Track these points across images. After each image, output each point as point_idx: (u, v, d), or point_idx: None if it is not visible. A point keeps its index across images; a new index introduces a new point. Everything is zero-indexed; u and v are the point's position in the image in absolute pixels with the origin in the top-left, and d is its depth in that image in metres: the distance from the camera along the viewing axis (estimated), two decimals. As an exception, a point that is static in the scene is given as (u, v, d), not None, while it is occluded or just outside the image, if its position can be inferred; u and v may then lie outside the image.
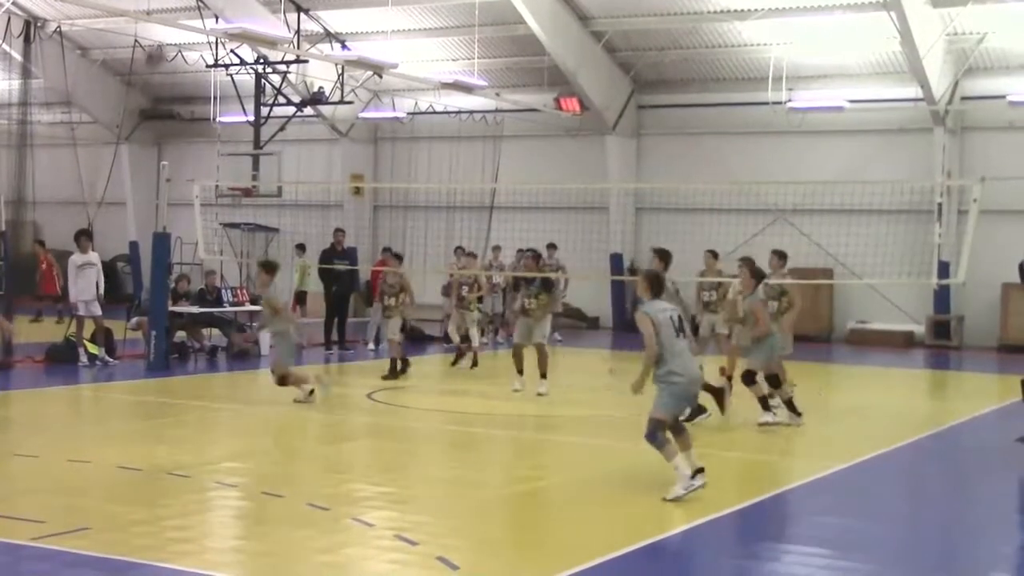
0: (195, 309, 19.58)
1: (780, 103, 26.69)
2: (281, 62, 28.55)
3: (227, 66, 28.74)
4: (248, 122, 29.52)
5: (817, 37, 26.11)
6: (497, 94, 28.55)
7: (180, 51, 28.57)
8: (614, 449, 10.15)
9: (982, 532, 9.23)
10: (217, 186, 27.17)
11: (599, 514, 9.14)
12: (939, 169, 25.43)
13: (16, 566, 7.29)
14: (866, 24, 25.07)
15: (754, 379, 13.35)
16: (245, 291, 22.24)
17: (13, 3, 27.41)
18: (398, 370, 17.63)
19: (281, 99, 29.47)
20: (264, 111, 29.53)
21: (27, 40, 23.90)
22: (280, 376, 14.55)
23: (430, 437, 12.97)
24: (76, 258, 18.40)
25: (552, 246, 26.02)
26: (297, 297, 23.93)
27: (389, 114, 31.34)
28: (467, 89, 25.66)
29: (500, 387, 16.66)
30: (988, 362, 23.58)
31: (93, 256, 18.54)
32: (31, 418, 13.73)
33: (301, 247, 25.69)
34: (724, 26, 26.78)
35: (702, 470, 9.51)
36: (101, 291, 18.48)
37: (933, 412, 16.72)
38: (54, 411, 14.43)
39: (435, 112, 30.43)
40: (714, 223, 25.82)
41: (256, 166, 28.79)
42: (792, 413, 13.53)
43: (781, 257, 15.11)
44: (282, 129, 29.78)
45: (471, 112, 30.15)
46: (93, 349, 18.25)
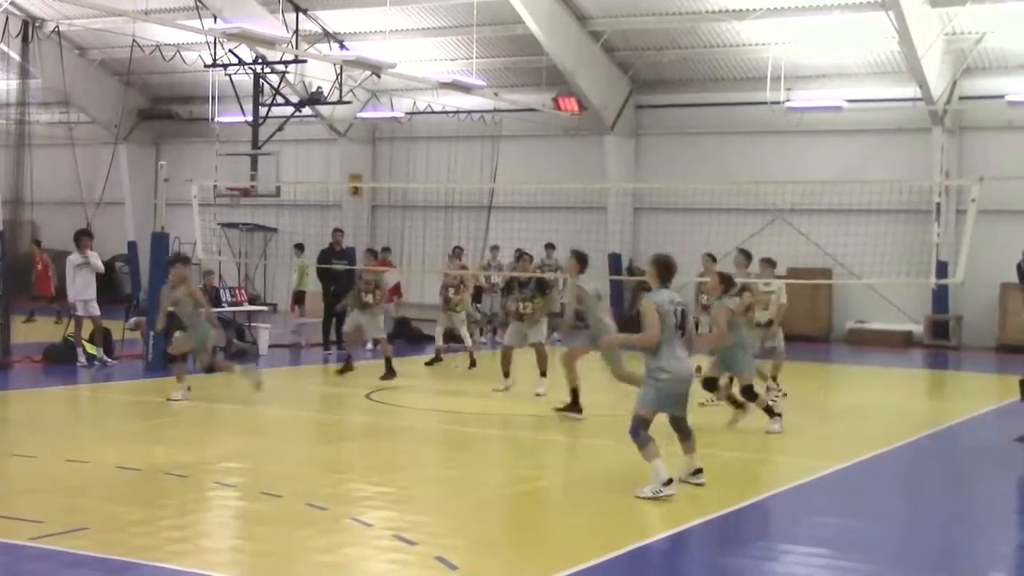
0: (193, 309, 19.52)
1: (778, 103, 26.69)
2: (279, 62, 28.54)
3: (225, 66, 28.73)
4: (246, 122, 29.51)
5: (815, 37, 26.12)
6: (495, 94, 28.55)
7: (178, 51, 28.56)
8: (613, 449, 10.14)
9: (981, 532, 9.23)
10: (215, 186, 27.17)
11: (598, 514, 9.13)
12: (937, 169, 25.44)
13: (14, 566, 7.28)
14: (864, 24, 25.07)
15: (754, 393, 13.32)
16: (243, 291, 22.24)
17: (11, 3, 27.40)
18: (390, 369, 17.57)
19: (279, 99, 29.47)
20: (262, 111, 29.53)
21: (25, 40, 23.91)
22: (207, 365, 14.75)
23: (428, 437, 12.96)
24: (74, 258, 18.38)
25: (550, 246, 26.03)
26: (295, 297, 23.89)
27: (387, 114, 31.33)
28: (465, 89, 25.66)
29: (499, 387, 16.64)
30: (986, 362, 23.60)
31: (91, 256, 18.51)
32: (29, 418, 13.72)
33: (299, 247, 25.66)
34: (722, 26, 26.79)
35: (699, 471, 9.49)
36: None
37: (932, 412, 16.73)
38: (52, 411, 14.42)
39: (433, 112, 30.41)
40: (712, 223, 25.84)
41: (254, 166, 28.78)
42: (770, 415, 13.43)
43: (747, 256, 15.42)
44: (280, 129, 29.78)
45: (469, 112, 30.14)
46: (91, 349, 18.25)
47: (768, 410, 13.28)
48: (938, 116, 25.67)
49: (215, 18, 26.70)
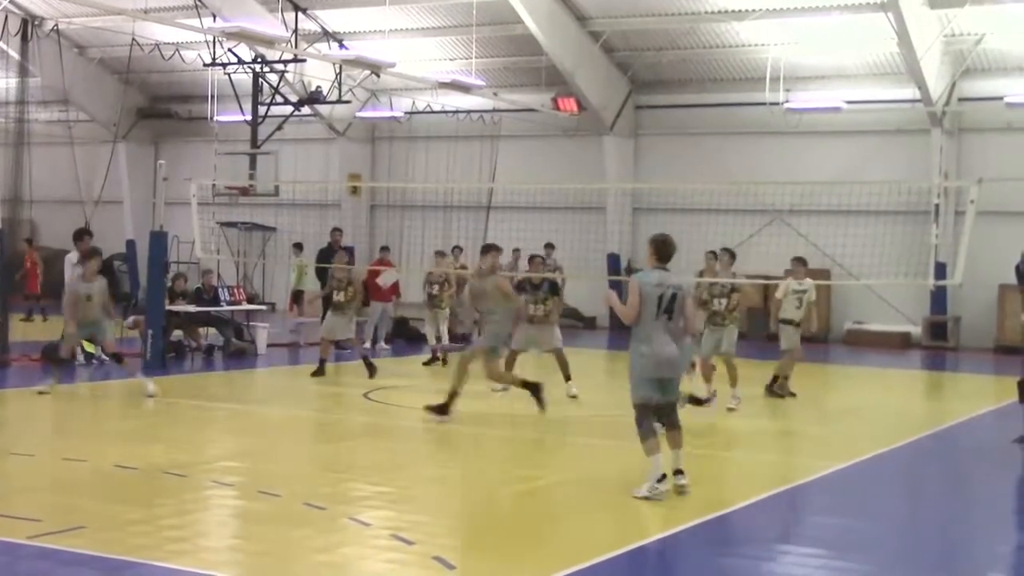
0: (192, 308, 19.54)
1: (777, 104, 26.71)
2: (279, 61, 28.55)
3: (225, 65, 28.73)
4: (245, 121, 29.52)
5: (815, 38, 26.13)
6: (495, 94, 28.56)
7: (178, 50, 28.56)
8: (612, 449, 10.15)
9: (980, 532, 9.23)
10: (214, 185, 27.16)
11: (596, 514, 9.13)
12: (936, 170, 25.46)
13: (13, 565, 7.27)
14: (864, 25, 25.09)
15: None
16: (242, 290, 22.22)
17: (10, 1, 27.39)
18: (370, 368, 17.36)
19: (279, 98, 29.48)
20: (261, 110, 29.54)
21: (24, 38, 23.91)
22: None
23: (427, 437, 12.95)
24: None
25: (549, 246, 26.02)
26: (294, 296, 23.88)
27: (387, 113, 31.34)
28: (465, 89, 25.66)
29: (497, 387, 16.62)
30: (985, 363, 23.61)
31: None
32: (27, 417, 13.70)
33: (298, 246, 25.67)
34: (722, 26, 26.80)
35: (680, 472, 9.38)
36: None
37: (930, 413, 16.73)
38: (50, 410, 14.40)
39: (433, 112, 30.41)
40: (711, 223, 25.80)
41: (253, 165, 28.78)
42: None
43: (732, 256, 15.71)
44: (279, 128, 29.79)
45: (469, 112, 30.14)
46: (90, 348, 18.21)
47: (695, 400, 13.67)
48: (937, 117, 25.69)
49: (214, 17, 26.70)
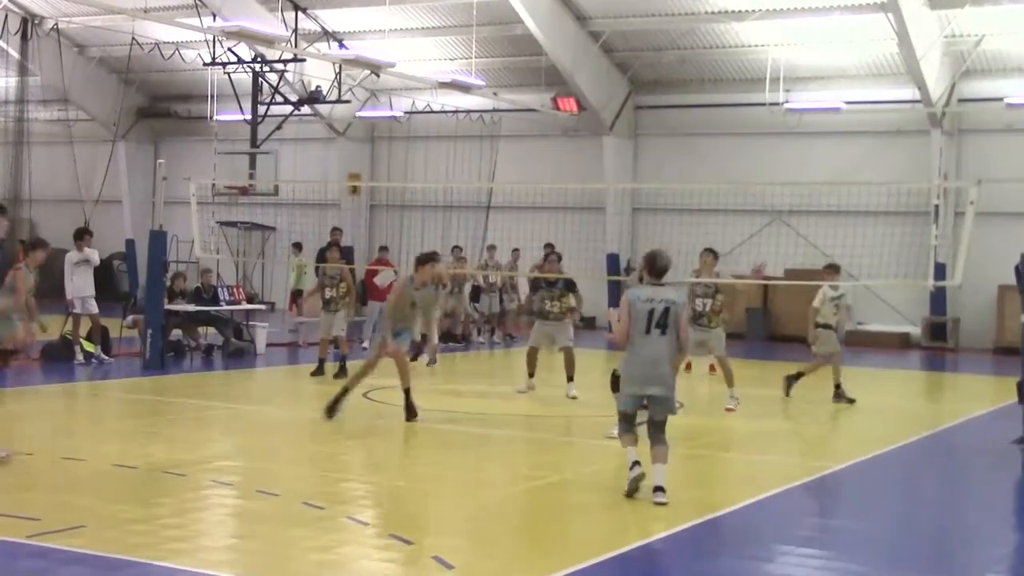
0: (191, 307, 19.54)
1: (777, 104, 26.71)
2: (279, 61, 28.56)
3: (224, 64, 28.74)
4: (245, 120, 29.53)
5: (814, 38, 26.14)
6: (495, 94, 28.56)
7: (178, 49, 28.57)
8: (612, 449, 10.13)
9: (978, 533, 9.23)
10: (214, 184, 27.18)
11: (596, 514, 9.13)
12: (936, 171, 25.47)
13: (12, 564, 7.27)
14: (863, 25, 25.10)
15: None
16: (241, 289, 22.22)
17: (10, 0, 27.39)
18: (343, 368, 16.98)
19: (278, 98, 29.49)
20: (261, 110, 29.55)
21: (24, 37, 23.94)
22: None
23: (426, 436, 12.94)
24: (72, 255, 18.35)
25: (549, 246, 25.99)
26: (294, 296, 23.87)
27: (386, 113, 31.34)
28: (464, 89, 25.67)
29: (497, 387, 16.66)
30: (984, 364, 23.61)
31: (89, 253, 18.47)
32: (27, 416, 13.69)
33: (298, 246, 25.67)
34: (721, 27, 26.80)
35: (661, 489, 9.13)
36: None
37: (929, 414, 16.73)
38: (50, 409, 14.39)
39: (432, 111, 30.42)
40: (711, 224, 25.86)
41: (253, 165, 28.80)
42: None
43: (715, 256, 15.76)
44: (279, 128, 29.80)
45: (468, 112, 30.15)
46: (89, 347, 18.22)
47: None
48: (937, 118, 25.69)
49: (214, 16, 26.69)
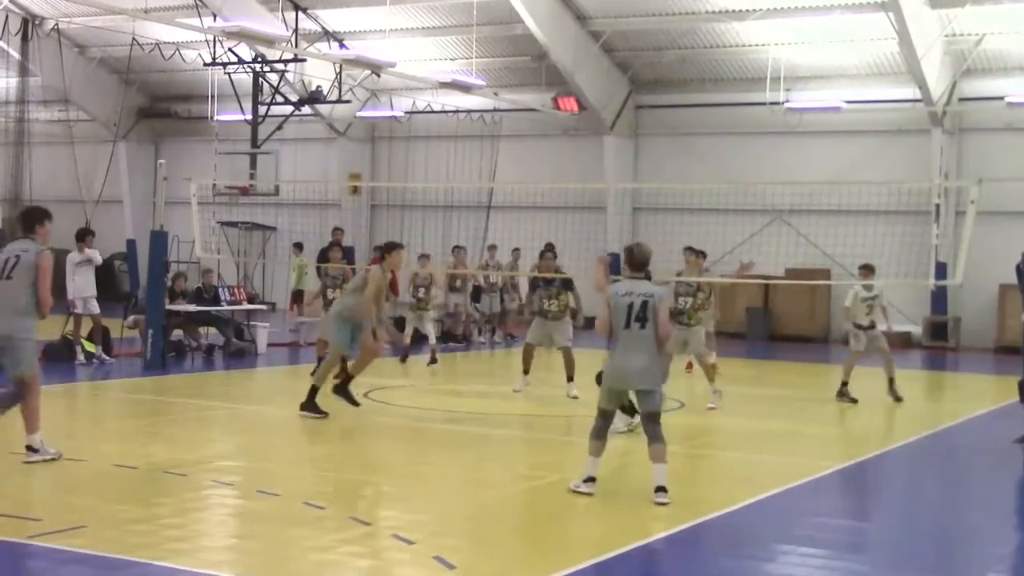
0: (192, 308, 19.54)
1: (778, 103, 26.71)
2: (279, 61, 28.57)
3: (225, 64, 28.75)
4: (246, 121, 29.54)
5: (815, 38, 26.14)
6: (495, 93, 28.57)
7: (178, 49, 28.57)
8: (612, 448, 10.13)
9: (979, 533, 9.23)
10: (214, 184, 27.20)
11: (597, 514, 9.13)
12: (937, 170, 25.46)
13: (13, 564, 7.27)
14: (864, 25, 25.09)
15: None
16: (242, 290, 22.22)
17: (11, 1, 27.41)
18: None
19: (279, 98, 29.50)
20: (262, 110, 29.57)
21: (25, 38, 23.95)
22: None
23: (427, 436, 12.95)
24: (74, 255, 18.35)
25: (550, 246, 25.97)
26: (294, 296, 23.87)
27: (387, 113, 31.35)
28: (465, 88, 25.67)
29: (497, 386, 16.65)
30: (985, 363, 23.60)
31: (90, 253, 18.47)
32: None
33: (298, 246, 25.66)
34: (722, 26, 26.80)
35: (662, 489, 9.18)
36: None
37: (930, 413, 16.73)
38: (50, 409, 14.36)
39: (433, 111, 30.43)
40: (711, 223, 25.84)
41: (253, 165, 28.81)
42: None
43: (699, 255, 15.78)
44: (280, 128, 29.81)
45: (469, 111, 30.15)
46: (90, 347, 18.22)
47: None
48: (937, 117, 25.69)
49: (215, 17, 26.70)
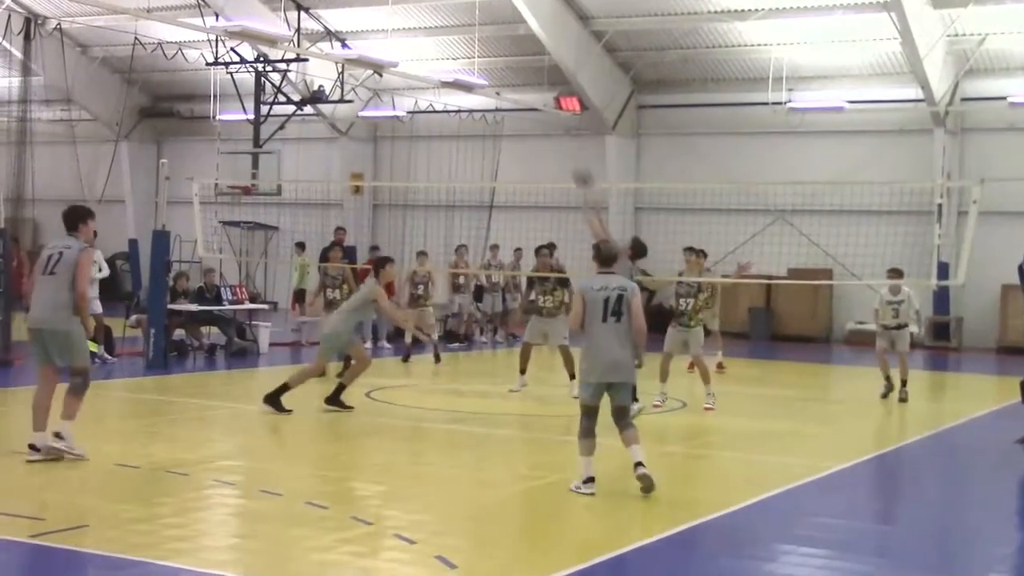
0: (194, 307, 19.55)
1: (780, 103, 26.71)
2: (281, 60, 28.56)
3: (227, 64, 28.76)
4: (248, 120, 29.54)
5: (817, 37, 26.13)
6: (497, 93, 28.57)
7: (180, 49, 28.58)
8: (613, 448, 10.12)
9: (981, 533, 9.23)
10: (216, 184, 27.20)
11: (598, 514, 9.13)
12: (939, 170, 25.44)
13: (15, 563, 7.28)
14: (866, 25, 25.08)
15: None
16: (244, 289, 22.23)
17: (13, 0, 27.42)
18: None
19: (281, 97, 29.50)
20: (264, 109, 29.56)
21: (27, 37, 23.87)
22: None
23: (429, 436, 12.96)
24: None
25: (552, 245, 25.98)
26: (296, 295, 23.88)
27: (389, 113, 31.35)
28: (467, 88, 25.68)
29: (499, 386, 16.65)
30: (987, 363, 23.59)
31: (95, 254, 18.45)
32: (29, 415, 13.69)
33: (300, 245, 25.68)
34: (724, 26, 26.79)
35: (640, 464, 9.46)
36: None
37: (932, 413, 16.72)
38: (52, 408, 14.38)
39: (435, 111, 30.43)
40: (713, 223, 25.85)
41: (256, 164, 28.81)
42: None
43: (699, 255, 16.03)
44: (282, 127, 29.80)
45: (471, 111, 30.15)
46: (92, 347, 18.18)
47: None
48: (940, 117, 25.67)
49: (217, 16, 26.72)
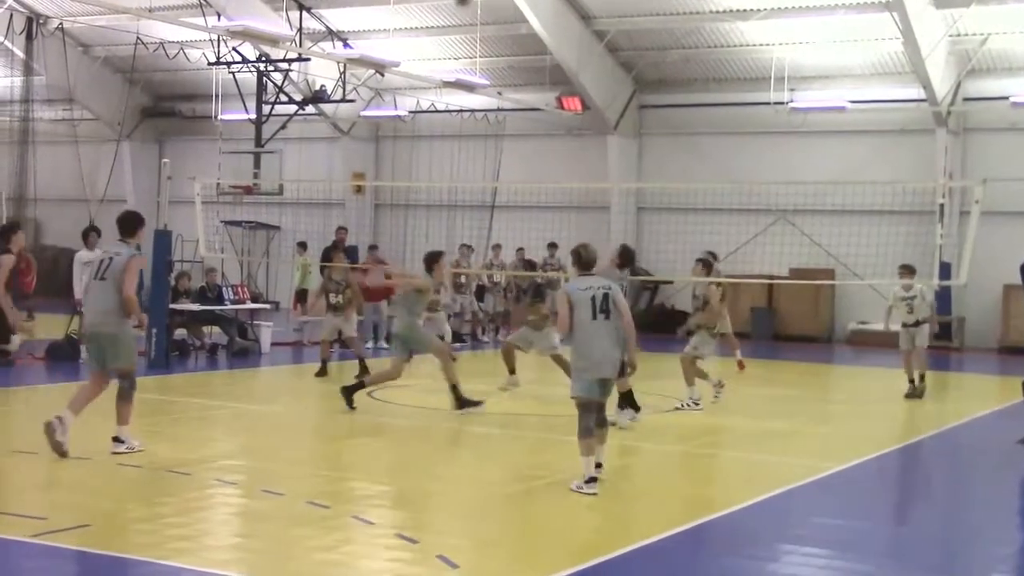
0: (196, 307, 19.56)
1: (782, 103, 26.70)
2: (283, 60, 28.56)
3: (229, 64, 28.76)
4: (250, 120, 29.54)
5: (819, 37, 26.12)
6: (499, 93, 28.57)
7: (182, 48, 28.60)
8: (613, 448, 10.14)
9: (982, 533, 9.22)
10: (218, 184, 27.20)
11: (599, 513, 9.14)
12: (941, 170, 25.43)
13: (16, 563, 7.29)
14: (868, 25, 25.08)
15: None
16: (246, 289, 22.24)
17: (16, 0, 27.43)
18: (364, 367, 16.92)
19: (283, 97, 29.50)
20: (266, 109, 29.56)
21: (29, 37, 23.96)
22: None
23: (431, 435, 12.96)
24: (82, 254, 18.36)
25: (553, 245, 26.02)
26: (298, 295, 23.88)
27: (391, 112, 31.36)
28: (469, 88, 25.67)
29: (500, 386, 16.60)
30: (989, 363, 23.59)
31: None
32: (31, 415, 13.71)
33: (302, 245, 25.69)
34: (726, 26, 26.78)
35: (599, 466, 9.66)
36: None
37: (934, 413, 16.71)
38: (54, 408, 14.38)
39: (437, 111, 30.43)
40: (715, 223, 25.86)
41: (257, 164, 28.81)
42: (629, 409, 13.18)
43: (703, 265, 15.48)
44: (283, 127, 29.80)
45: (473, 111, 30.16)
46: (93, 347, 18.20)
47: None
48: (942, 117, 25.66)
49: (219, 16, 26.70)
